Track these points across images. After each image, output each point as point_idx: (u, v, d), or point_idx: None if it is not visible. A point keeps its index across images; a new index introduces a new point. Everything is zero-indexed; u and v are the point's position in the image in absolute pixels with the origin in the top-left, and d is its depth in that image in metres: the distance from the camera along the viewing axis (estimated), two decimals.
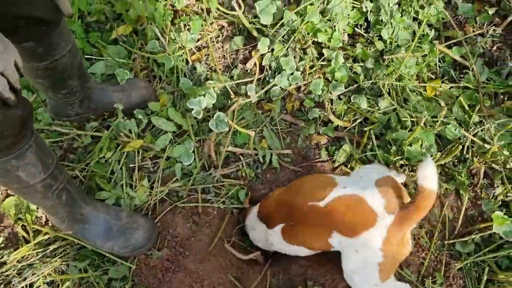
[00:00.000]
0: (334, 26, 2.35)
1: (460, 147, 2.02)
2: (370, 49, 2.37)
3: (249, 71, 2.42)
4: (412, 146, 2.01)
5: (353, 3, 2.41)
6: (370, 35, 2.40)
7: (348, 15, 2.37)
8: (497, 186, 1.95)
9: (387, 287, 1.65)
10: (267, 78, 2.37)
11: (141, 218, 1.95)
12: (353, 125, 2.22)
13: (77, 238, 1.91)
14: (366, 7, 2.37)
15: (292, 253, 1.84)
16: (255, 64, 2.39)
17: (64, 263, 1.93)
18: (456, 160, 2.07)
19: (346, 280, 1.68)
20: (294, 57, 2.32)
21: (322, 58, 2.33)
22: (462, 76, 2.32)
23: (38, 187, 1.59)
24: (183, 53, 2.37)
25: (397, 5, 2.35)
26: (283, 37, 2.35)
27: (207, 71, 2.41)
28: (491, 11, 2.46)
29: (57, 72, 1.89)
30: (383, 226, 1.50)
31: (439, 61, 2.37)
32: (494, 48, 2.42)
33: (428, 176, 1.45)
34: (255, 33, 2.42)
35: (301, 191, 1.74)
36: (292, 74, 2.28)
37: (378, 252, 1.52)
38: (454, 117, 2.16)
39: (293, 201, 1.70)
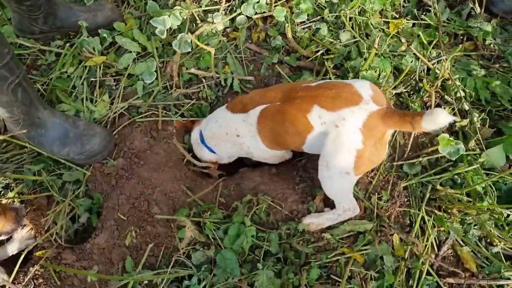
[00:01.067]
0: None
1: (415, 73, 2.08)
2: None
3: (217, 1, 2.44)
4: (367, 72, 2.06)
5: None
6: None
7: None
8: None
9: (349, 189, 1.73)
10: (234, 8, 2.39)
11: (98, 127, 1.97)
12: (315, 56, 2.26)
13: (33, 145, 1.93)
14: None
15: (253, 151, 1.89)
16: None
17: (19, 169, 1.96)
18: (411, 91, 2.13)
19: (319, 169, 1.70)
20: None
21: None
22: (424, 14, 2.37)
23: None
24: None
25: None
26: None
27: None
28: None
29: None
30: (366, 109, 1.55)
31: (404, 1, 2.42)
32: None
33: (434, 123, 1.46)
34: None
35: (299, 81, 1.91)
36: (258, 2, 2.31)
37: (357, 133, 1.56)
38: (413, 52, 2.21)
39: (290, 84, 1.84)
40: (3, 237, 1.64)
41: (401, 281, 1.72)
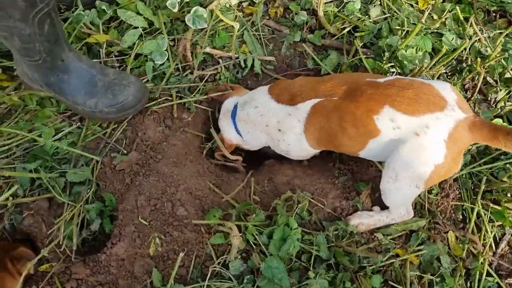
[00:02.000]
0: None
1: (459, 52, 1.89)
2: None
3: None
4: (407, 51, 1.86)
5: None
6: None
7: None
8: (500, 90, 1.84)
9: (412, 199, 1.55)
10: None
11: (131, 76, 1.70)
12: (342, 33, 2.03)
13: (52, 94, 1.66)
14: None
15: (292, 149, 1.65)
16: None
17: (9, 165, 1.64)
18: (450, 72, 1.95)
19: (383, 180, 1.46)
20: None
21: None
22: None
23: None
24: None
25: None
26: None
27: None
28: None
29: None
30: (453, 117, 1.31)
31: None
32: None
33: None
34: None
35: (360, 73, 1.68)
36: None
37: (441, 145, 1.31)
38: (448, 29, 2.02)
39: (348, 76, 1.57)
40: None
41: (461, 284, 1.55)
